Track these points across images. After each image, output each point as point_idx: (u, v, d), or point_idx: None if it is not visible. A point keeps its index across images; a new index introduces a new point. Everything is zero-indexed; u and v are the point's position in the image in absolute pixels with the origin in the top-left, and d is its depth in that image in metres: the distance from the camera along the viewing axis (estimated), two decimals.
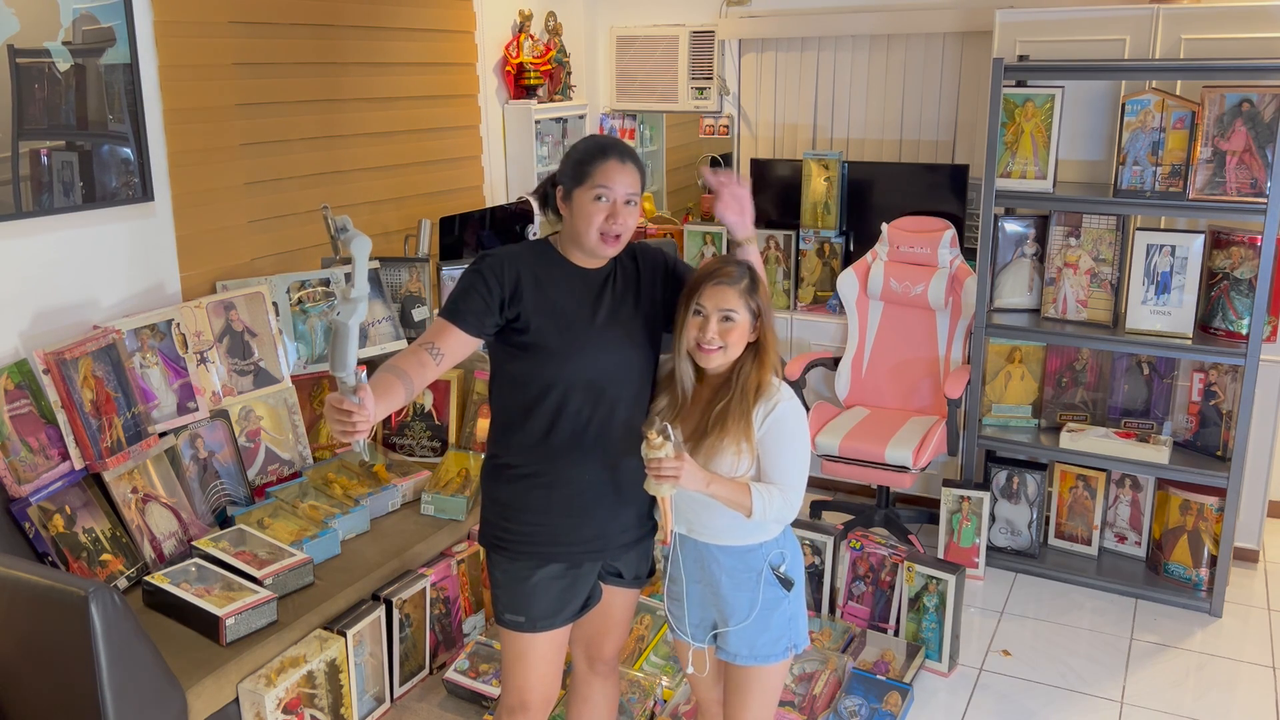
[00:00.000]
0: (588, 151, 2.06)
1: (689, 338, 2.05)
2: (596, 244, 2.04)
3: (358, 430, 1.79)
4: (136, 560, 2.76)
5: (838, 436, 3.76)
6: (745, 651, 2.13)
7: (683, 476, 1.94)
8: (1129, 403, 3.76)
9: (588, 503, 2.11)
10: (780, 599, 2.12)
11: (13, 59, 2.65)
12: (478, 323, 2.03)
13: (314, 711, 2.61)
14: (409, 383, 1.94)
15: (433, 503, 3.24)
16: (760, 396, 2.04)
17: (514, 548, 2.12)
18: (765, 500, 2.01)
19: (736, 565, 2.11)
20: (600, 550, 2.15)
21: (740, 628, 2.12)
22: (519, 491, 2.12)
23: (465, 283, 2.06)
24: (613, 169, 2.02)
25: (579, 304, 2.08)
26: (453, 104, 4.33)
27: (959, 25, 4.24)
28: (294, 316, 3.37)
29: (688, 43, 4.86)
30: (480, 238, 4.18)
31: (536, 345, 2.05)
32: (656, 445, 1.92)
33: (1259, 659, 3.26)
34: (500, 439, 2.15)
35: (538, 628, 2.13)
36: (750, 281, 2.05)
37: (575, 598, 2.16)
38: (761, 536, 2.10)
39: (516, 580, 2.13)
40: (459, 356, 2.05)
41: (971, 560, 3.72)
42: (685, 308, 2.06)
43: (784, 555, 2.13)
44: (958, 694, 3.08)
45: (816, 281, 4.42)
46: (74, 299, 2.90)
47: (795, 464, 2.06)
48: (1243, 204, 3.30)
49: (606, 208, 2.02)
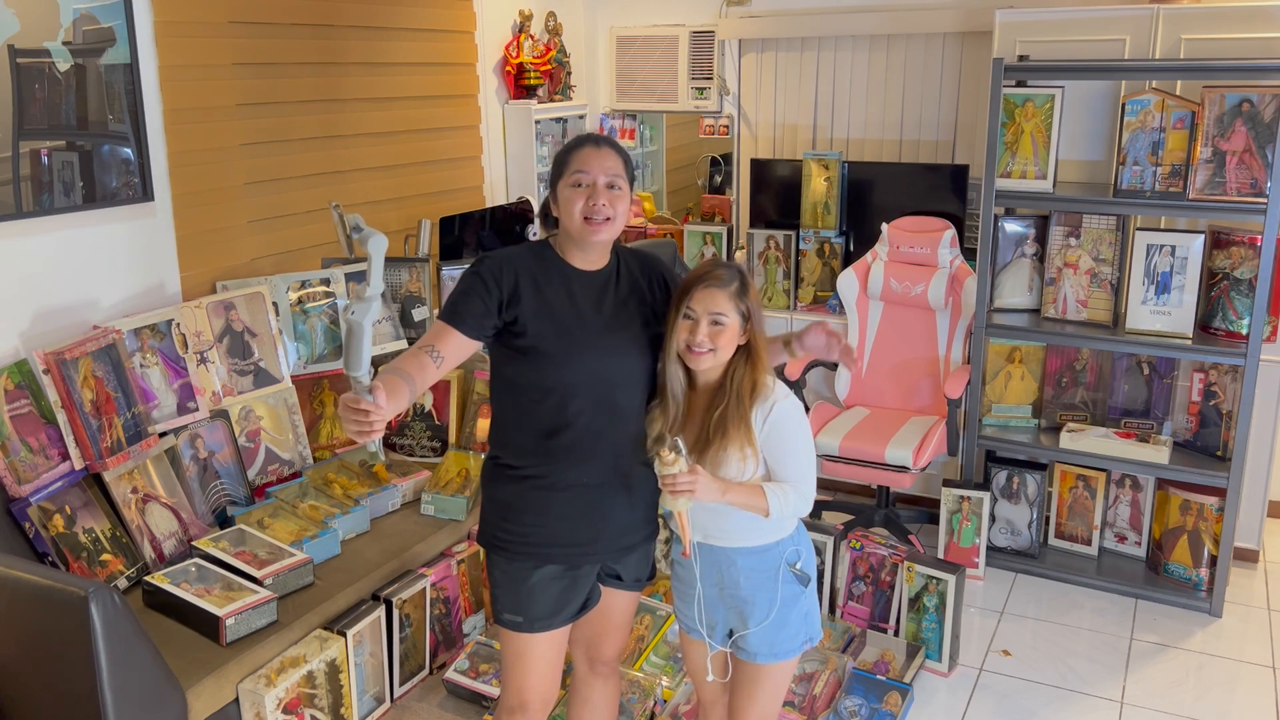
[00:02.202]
0: (565, 146, 2.11)
1: (679, 341, 2.06)
2: (581, 229, 2.04)
3: (375, 430, 1.78)
4: (136, 560, 2.76)
5: (838, 436, 3.76)
6: (765, 650, 2.14)
7: (698, 489, 1.95)
8: (1129, 403, 3.76)
9: (587, 506, 2.11)
10: (798, 595, 2.14)
11: (13, 59, 2.65)
12: (477, 325, 2.03)
13: (314, 711, 2.61)
14: (413, 384, 1.94)
15: (433, 503, 3.24)
16: (756, 398, 2.05)
17: (512, 548, 2.12)
18: (781, 499, 2.03)
19: (755, 565, 2.12)
20: (599, 553, 2.15)
21: (761, 627, 2.13)
22: (519, 492, 2.11)
23: (464, 285, 2.06)
24: (588, 154, 2.05)
25: (578, 308, 2.08)
26: (453, 104, 4.33)
27: (959, 25, 4.24)
28: (294, 316, 3.37)
29: (688, 43, 4.86)
30: (480, 238, 4.18)
31: (534, 349, 2.04)
32: (670, 462, 1.93)
33: (1259, 659, 3.26)
34: (500, 439, 2.15)
35: (535, 628, 2.13)
36: (740, 284, 2.06)
37: (574, 599, 2.16)
38: (778, 534, 2.12)
39: (515, 580, 2.13)
40: (459, 359, 2.05)
41: (971, 560, 3.72)
42: (675, 311, 2.07)
43: (799, 552, 2.15)
44: (958, 694, 3.08)
45: (816, 281, 4.42)
46: (74, 299, 2.90)
47: (802, 460, 2.08)
48: (1243, 204, 3.30)
49: (585, 191, 2.03)
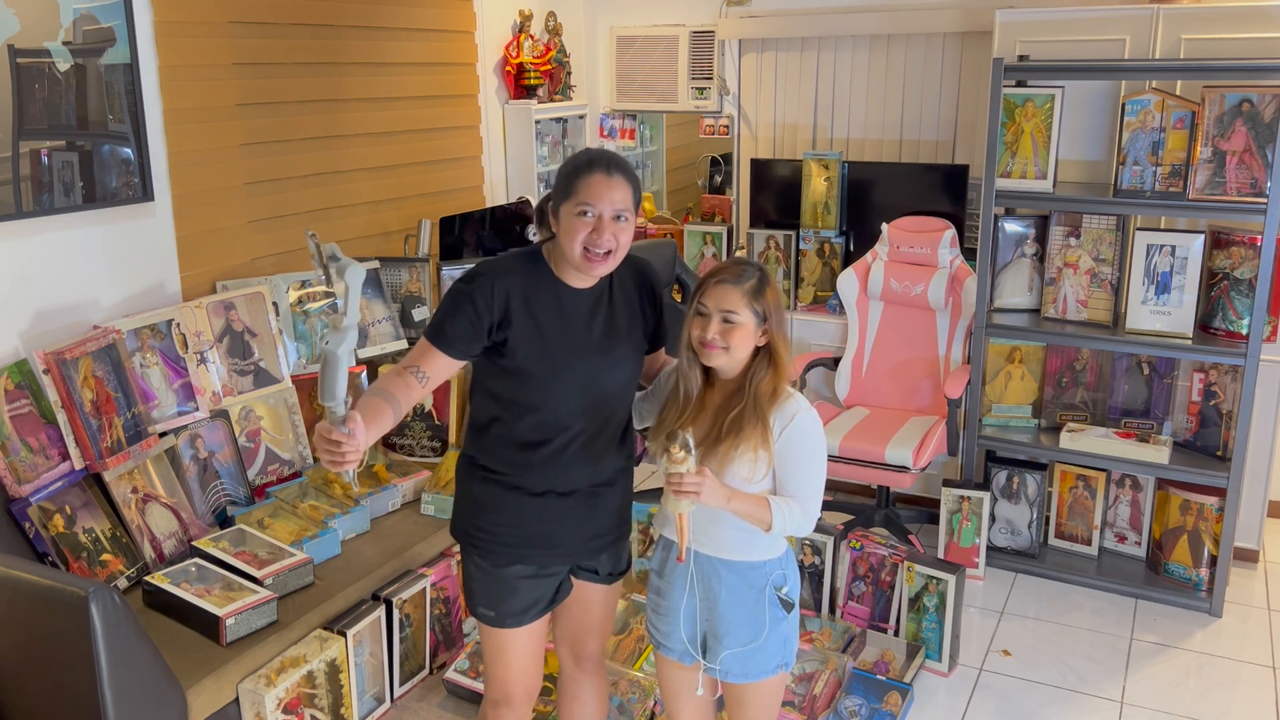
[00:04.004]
0: (575, 164, 2.00)
1: (693, 336, 2.03)
2: (581, 262, 1.98)
3: (347, 460, 1.77)
4: (136, 560, 2.76)
5: (838, 436, 3.76)
6: (737, 669, 2.09)
7: (703, 493, 1.89)
8: (1129, 403, 3.75)
9: (562, 512, 2.10)
10: (780, 619, 2.08)
11: (13, 59, 2.65)
12: (464, 348, 2.00)
13: (314, 711, 2.61)
14: (396, 406, 1.92)
15: (433, 503, 3.23)
16: (775, 403, 2.00)
17: (485, 545, 2.12)
18: (785, 515, 1.98)
19: (738, 582, 2.07)
20: (570, 555, 2.15)
21: (739, 649, 2.07)
22: (493, 494, 2.11)
23: (453, 304, 2.00)
24: (598, 183, 1.95)
25: (569, 327, 2.04)
26: (453, 104, 4.33)
27: (959, 25, 4.23)
28: (294, 316, 3.37)
29: (688, 43, 4.86)
30: (480, 238, 4.18)
31: (521, 370, 2.02)
32: (679, 460, 1.87)
33: (1259, 659, 3.26)
34: (477, 441, 2.14)
35: (508, 623, 2.14)
36: (758, 284, 2.00)
37: (544, 594, 2.16)
38: (766, 554, 2.06)
39: (486, 575, 2.13)
40: (443, 377, 2.03)
41: (971, 560, 3.72)
42: (692, 305, 2.05)
43: (786, 577, 2.10)
44: (958, 694, 3.08)
45: (816, 281, 4.42)
46: (74, 299, 2.90)
47: (815, 477, 2.02)
48: (1243, 204, 3.30)
49: (590, 223, 1.95)
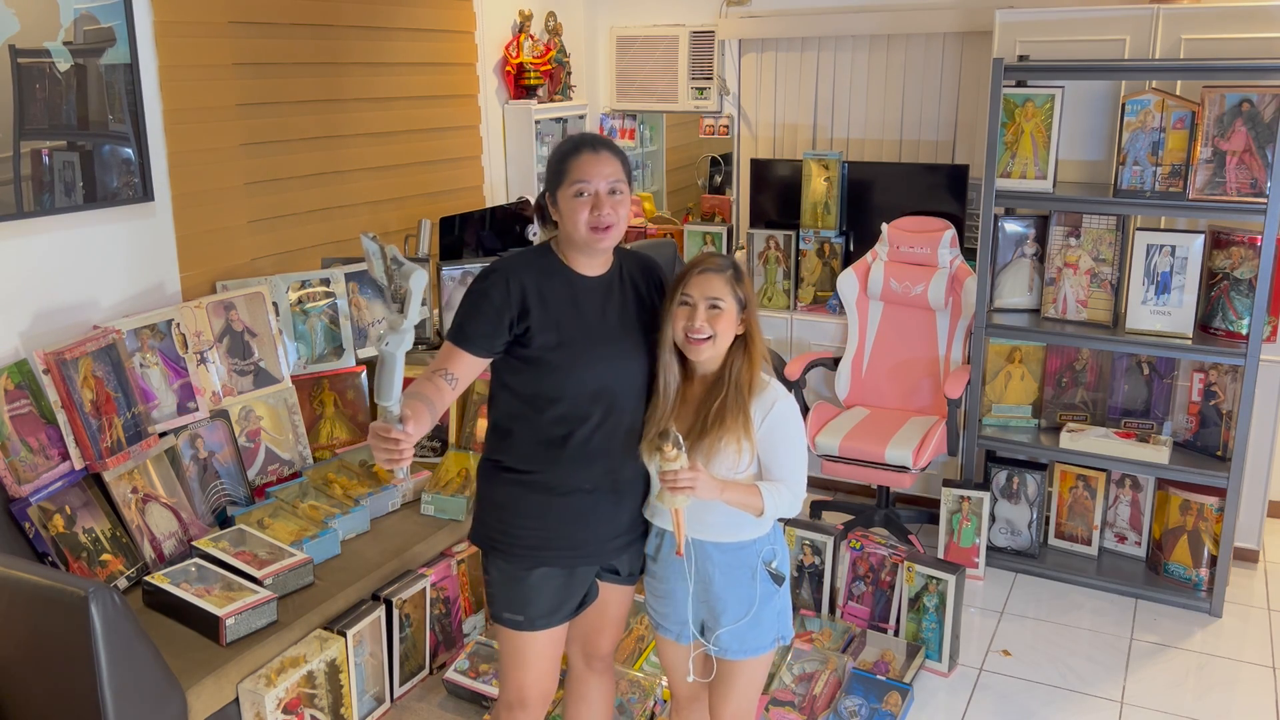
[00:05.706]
0: (562, 151, 2.07)
1: (677, 329, 2.06)
2: (588, 238, 2.03)
3: (404, 457, 1.84)
4: (136, 560, 2.76)
5: (838, 436, 3.76)
6: (736, 646, 2.15)
7: (698, 487, 1.95)
8: (1129, 403, 3.76)
9: (586, 509, 2.11)
10: (772, 594, 2.15)
11: (13, 59, 2.65)
12: (487, 345, 2.04)
13: (314, 711, 2.61)
14: (433, 408, 1.97)
15: (433, 503, 3.24)
16: (755, 391, 2.07)
17: (509, 549, 2.13)
18: (775, 498, 2.05)
19: (730, 562, 2.12)
20: (594, 554, 2.16)
21: (735, 626, 2.13)
22: (517, 495, 2.12)
23: (471, 303, 2.05)
24: (587, 161, 2.02)
25: (583, 316, 2.07)
26: (453, 104, 4.33)
27: (959, 25, 4.24)
28: (294, 316, 3.37)
29: (687, 43, 4.86)
30: (480, 238, 4.19)
31: (539, 360, 2.04)
32: (672, 457, 1.91)
33: (1259, 659, 3.26)
34: (500, 443, 2.15)
35: (536, 626, 2.14)
36: (735, 272, 2.08)
37: (572, 596, 2.17)
38: (754, 532, 2.12)
39: (513, 580, 2.13)
40: (472, 377, 2.07)
41: (971, 560, 3.72)
42: (672, 299, 2.07)
43: (775, 551, 2.16)
44: (958, 694, 3.08)
45: (816, 281, 4.42)
46: (74, 299, 2.90)
47: (798, 459, 2.10)
48: (1243, 204, 3.30)
49: (588, 201, 2.01)
